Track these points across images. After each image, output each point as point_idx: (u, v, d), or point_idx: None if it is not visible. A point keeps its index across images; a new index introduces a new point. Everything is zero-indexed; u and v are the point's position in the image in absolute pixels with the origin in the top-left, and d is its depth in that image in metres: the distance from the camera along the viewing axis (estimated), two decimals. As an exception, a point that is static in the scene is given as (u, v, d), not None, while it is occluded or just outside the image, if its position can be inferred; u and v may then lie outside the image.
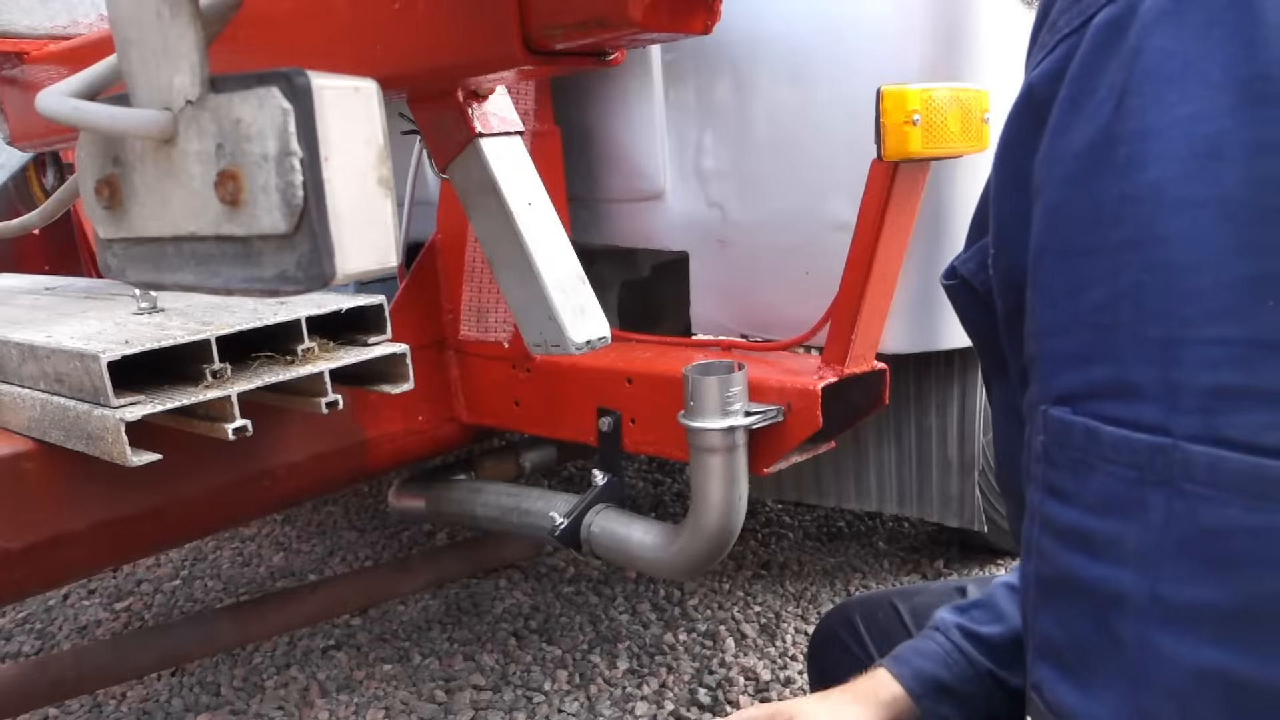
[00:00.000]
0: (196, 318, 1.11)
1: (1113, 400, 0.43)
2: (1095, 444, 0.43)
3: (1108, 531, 0.43)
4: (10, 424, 1.11)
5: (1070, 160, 0.44)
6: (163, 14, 0.44)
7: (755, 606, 1.93)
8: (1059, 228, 0.45)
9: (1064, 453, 0.45)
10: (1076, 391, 0.44)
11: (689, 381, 1.19)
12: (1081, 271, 0.44)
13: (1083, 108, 0.44)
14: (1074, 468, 0.44)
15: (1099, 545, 0.43)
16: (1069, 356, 0.45)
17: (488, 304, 1.51)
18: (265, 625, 1.64)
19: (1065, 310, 0.45)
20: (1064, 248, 0.45)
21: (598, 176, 1.70)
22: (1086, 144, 0.43)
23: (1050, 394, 0.46)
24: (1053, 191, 0.45)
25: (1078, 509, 0.44)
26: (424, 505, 1.69)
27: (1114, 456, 0.42)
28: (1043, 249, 0.46)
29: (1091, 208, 0.43)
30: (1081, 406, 0.44)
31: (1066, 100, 0.45)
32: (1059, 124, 0.45)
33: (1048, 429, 0.46)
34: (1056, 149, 0.45)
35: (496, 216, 0.85)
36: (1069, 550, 0.45)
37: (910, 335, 1.51)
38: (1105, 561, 0.43)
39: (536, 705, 1.64)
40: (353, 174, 0.42)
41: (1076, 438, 0.44)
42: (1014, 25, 1.42)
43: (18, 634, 2.05)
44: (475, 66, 0.76)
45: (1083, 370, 0.44)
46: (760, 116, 1.51)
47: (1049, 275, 0.46)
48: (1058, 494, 0.45)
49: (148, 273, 0.50)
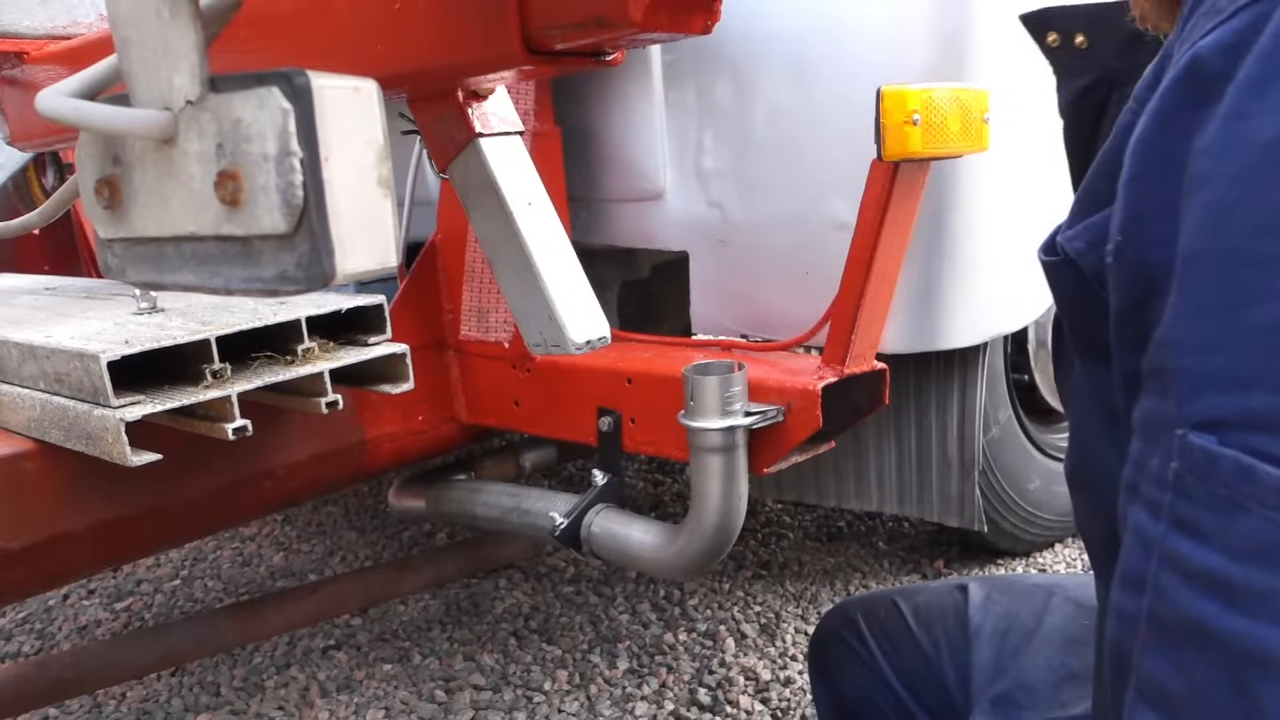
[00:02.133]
0: (196, 318, 1.11)
1: (1275, 435, 0.38)
2: (1250, 483, 0.38)
3: (1256, 583, 0.38)
4: (10, 424, 1.11)
5: (1252, 152, 0.38)
6: (163, 14, 0.44)
7: (755, 606, 1.93)
8: (1226, 229, 0.39)
9: (1205, 486, 0.40)
10: (1227, 419, 0.39)
11: (689, 381, 1.19)
12: (1250, 283, 0.38)
13: (1272, 93, 0.38)
14: (1218, 505, 0.39)
15: (1242, 596, 0.39)
16: (1221, 378, 0.39)
17: (488, 304, 1.51)
18: (265, 625, 1.64)
19: (1222, 325, 0.39)
20: (1230, 253, 0.39)
21: (598, 176, 1.70)
22: (1275, 135, 0.37)
23: (1191, 416, 0.40)
24: (1222, 186, 0.39)
25: (1218, 552, 0.39)
26: (424, 505, 1.69)
27: (1273, 500, 0.37)
28: (1199, 252, 0.40)
29: (1273, 211, 0.38)
30: (1232, 437, 0.39)
31: (1251, 80, 0.39)
32: (1238, 107, 0.39)
33: (1185, 456, 0.40)
34: (1231, 137, 0.39)
35: (496, 216, 0.85)
36: (1201, 595, 0.40)
37: (910, 335, 1.51)
38: (1248, 615, 0.38)
39: (536, 705, 1.64)
40: (353, 174, 0.42)
41: (1225, 473, 0.39)
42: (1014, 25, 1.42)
43: (18, 634, 2.05)
44: (475, 66, 0.76)
45: (1238, 396, 0.39)
46: (760, 117, 1.50)
47: (1203, 282, 0.40)
48: (1192, 531, 0.40)
49: (148, 273, 0.50)
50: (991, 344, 1.68)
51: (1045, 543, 2.05)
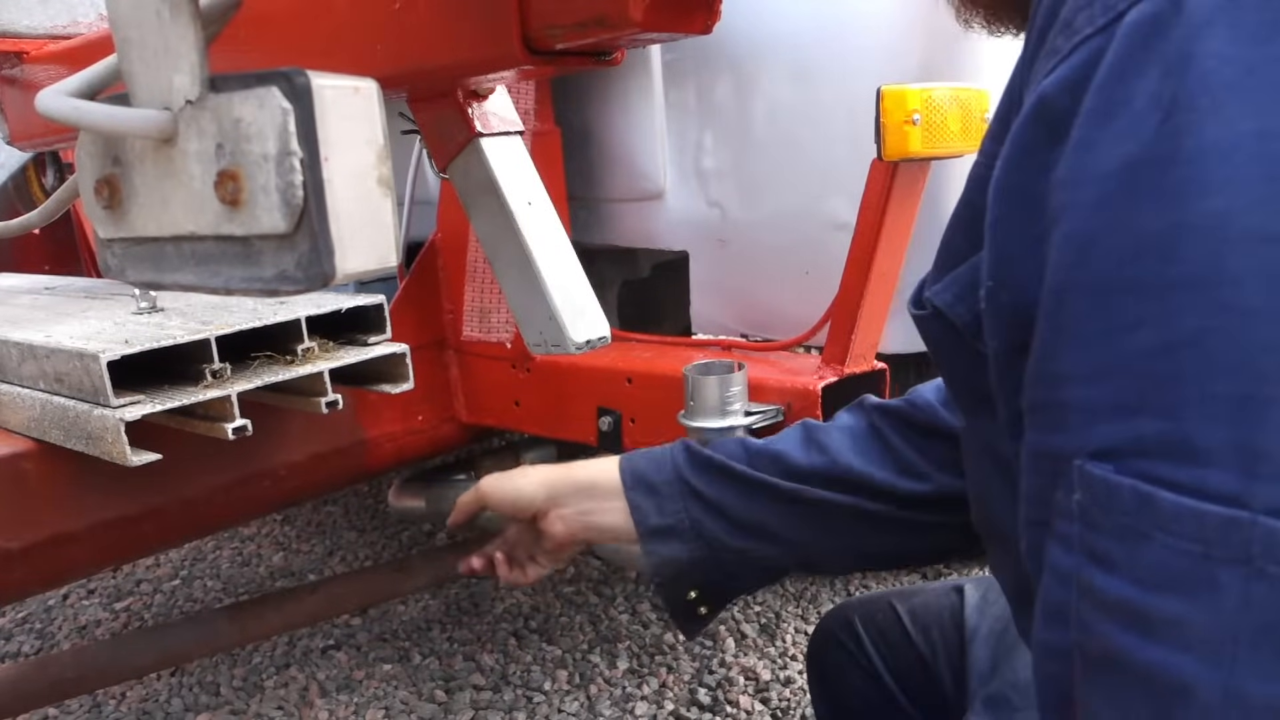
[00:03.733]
0: (196, 318, 1.11)
1: (1169, 461, 0.37)
2: (1150, 511, 0.38)
3: (1167, 611, 0.38)
4: (10, 424, 1.11)
5: (1101, 182, 0.39)
6: (162, 14, 0.44)
7: (755, 606, 1.93)
8: (1089, 260, 0.39)
9: (1109, 517, 0.39)
10: (1119, 447, 0.39)
11: (689, 381, 1.19)
12: (1121, 311, 0.38)
13: (1115, 121, 0.38)
14: (1122, 534, 0.39)
15: (1156, 626, 0.38)
16: (1108, 406, 0.39)
17: (490, 305, 1.51)
18: (265, 625, 1.63)
19: (1101, 354, 0.39)
20: (1096, 283, 0.39)
21: (598, 176, 1.70)
22: (1123, 163, 0.38)
23: (1085, 446, 0.40)
24: (1079, 218, 0.39)
25: (1127, 582, 0.39)
26: (424, 505, 1.69)
27: (1174, 527, 0.37)
28: (1067, 284, 0.40)
29: (1134, 238, 0.38)
30: (1127, 465, 0.38)
31: (1093, 112, 0.39)
32: (1084, 139, 0.39)
33: (1086, 487, 0.40)
34: (1081, 168, 0.39)
35: (496, 216, 0.85)
36: (1118, 628, 0.39)
37: (910, 335, 1.50)
38: (1164, 645, 0.38)
39: (536, 705, 1.64)
40: (353, 174, 0.42)
41: (1124, 501, 0.39)
42: (1014, 25, 1.42)
43: (18, 634, 2.05)
44: (475, 66, 0.76)
45: (1127, 423, 0.38)
46: (760, 116, 1.51)
47: (1077, 314, 0.40)
48: (1101, 562, 0.40)
49: (147, 273, 0.50)
50: (991, 344, 1.68)
51: (1045, 543, 2.05)
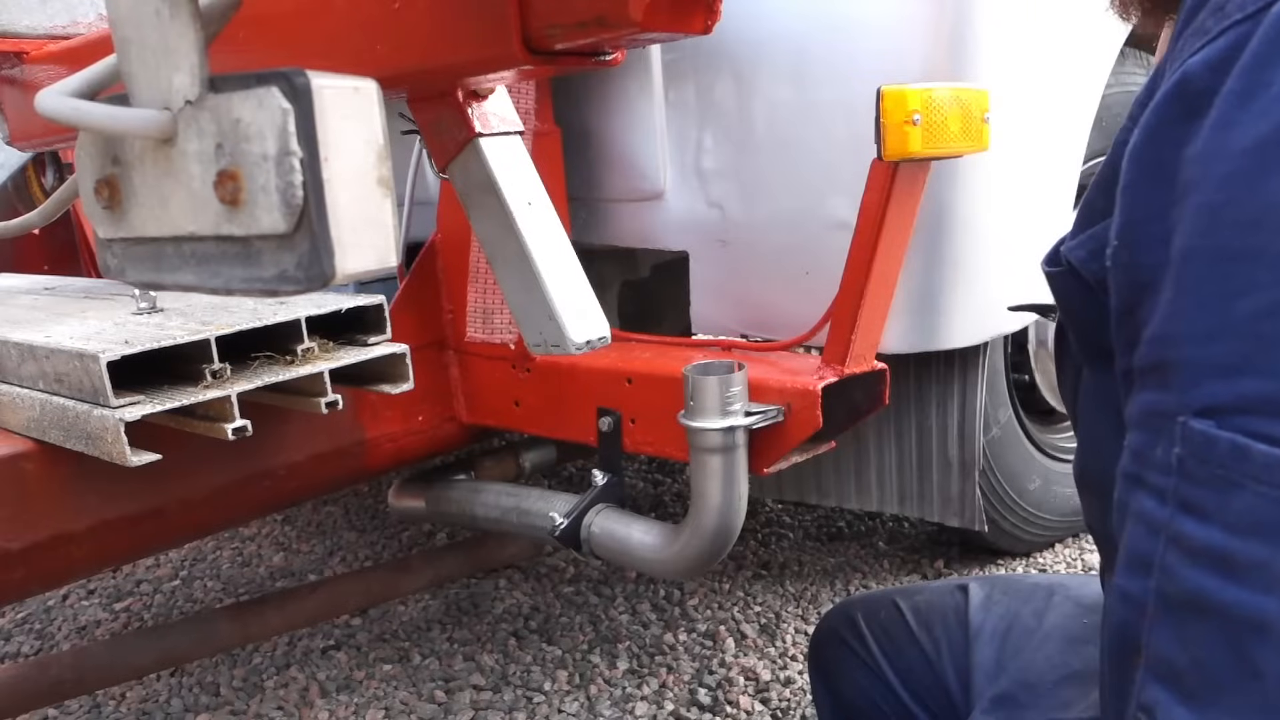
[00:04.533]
0: (196, 318, 1.11)
1: (1267, 417, 0.40)
2: (1244, 462, 0.40)
3: (1252, 554, 0.41)
4: (10, 424, 1.11)
5: (1235, 158, 0.41)
6: (162, 13, 0.44)
7: (755, 606, 1.93)
8: (1216, 229, 0.42)
9: (1205, 468, 0.42)
10: (1224, 404, 0.42)
11: (689, 381, 1.19)
12: (1238, 277, 0.41)
13: (1254, 102, 0.41)
14: (1216, 485, 0.42)
15: (1240, 568, 0.41)
16: (1217, 366, 0.42)
17: (493, 306, 1.51)
18: (265, 625, 1.63)
19: (1215, 317, 0.42)
20: (1220, 250, 0.42)
21: (598, 176, 1.70)
22: (1256, 141, 0.40)
23: (1192, 405, 0.43)
24: (1210, 190, 0.42)
25: (1218, 528, 0.42)
26: (424, 505, 1.69)
27: (1265, 476, 0.40)
28: (1192, 250, 0.43)
29: (1257, 209, 0.40)
30: (1229, 421, 0.41)
31: (1234, 93, 0.42)
32: (1224, 118, 0.42)
33: (1187, 441, 0.43)
34: (1218, 145, 0.42)
35: (496, 216, 0.85)
36: (1203, 570, 0.42)
37: (910, 335, 1.51)
38: (1246, 586, 0.41)
39: (536, 705, 1.64)
40: (352, 174, 0.42)
41: (1221, 454, 0.41)
42: (1014, 25, 1.42)
43: (17, 634, 2.05)
44: (475, 66, 0.76)
45: (1233, 382, 0.41)
46: (760, 116, 1.50)
47: (1197, 278, 0.43)
48: (1194, 511, 0.43)
49: (147, 273, 0.50)
50: (992, 344, 1.68)
51: (1045, 543, 2.05)
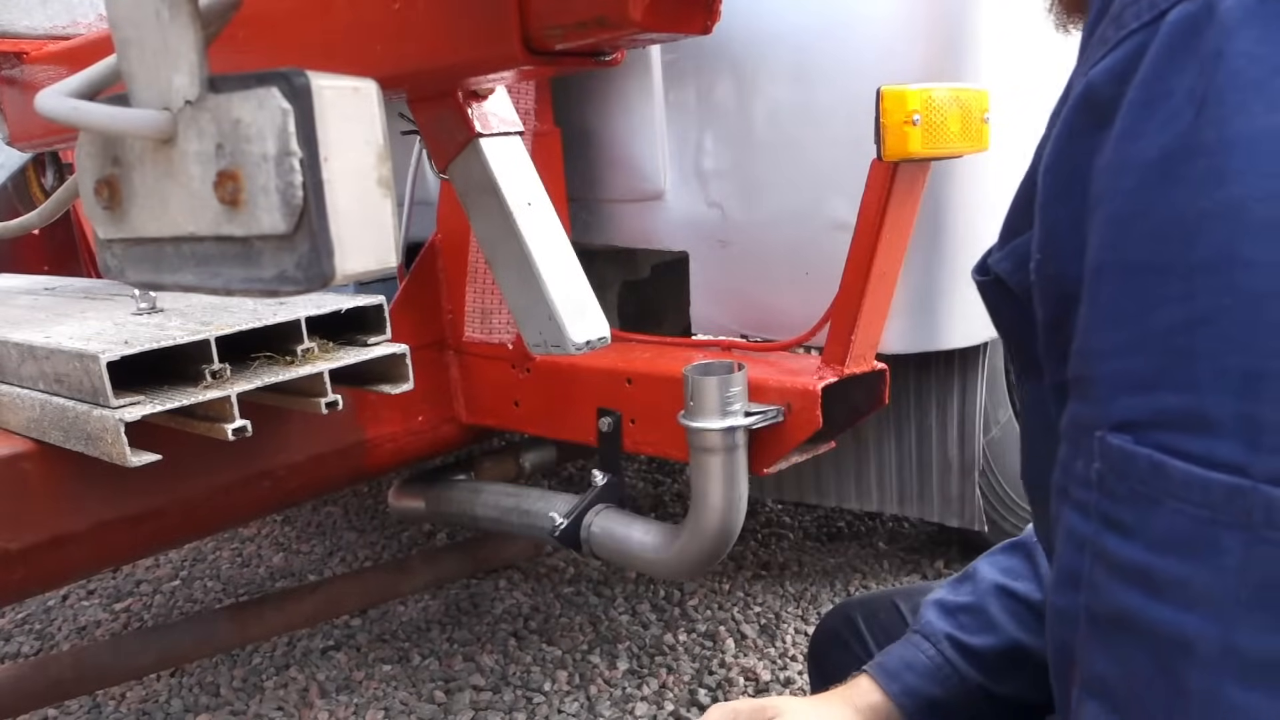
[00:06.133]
0: (196, 318, 1.11)
1: (1183, 432, 0.40)
2: (1162, 478, 0.40)
3: (1173, 572, 0.40)
4: (10, 424, 1.11)
5: (1141, 170, 0.41)
6: (162, 14, 0.44)
7: (755, 607, 1.93)
8: (1125, 241, 0.42)
9: (1124, 484, 0.42)
10: (1139, 419, 0.41)
11: (689, 381, 1.19)
12: (1150, 290, 0.41)
13: (1155, 113, 0.40)
14: (1136, 501, 0.41)
15: (1163, 585, 0.41)
16: (1132, 380, 0.42)
17: (491, 306, 1.51)
18: (265, 625, 1.64)
19: (1129, 331, 0.41)
20: (1130, 263, 0.41)
21: (598, 176, 1.70)
22: (1160, 153, 0.40)
23: (1108, 419, 0.43)
24: (1119, 202, 0.42)
25: (1139, 545, 0.41)
26: (424, 505, 1.69)
27: (1183, 494, 0.39)
28: (1104, 263, 0.43)
29: (1164, 222, 0.40)
30: (1146, 436, 0.41)
31: (1136, 104, 0.41)
32: (1128, 129, 0.42)
33: (1105, 457, 0.43)
34: (1124, 156, 0.42)
35: (496, 216, 0.85)
36: (1127, 587, 0.42)
37: (910, 335, 1.51)
38: (1170, 604, 0.40)
39: (536, 705, 1.64)
40: (352, 174, 0.42)
41: (1140, 469, 0.41)
42: (1014, 25, 1.42)
43: (17, 634, 2.05)
44: (475, 66, 0.76)
45: (1148, 396, 0.41)
46: (760, 116, 1.50)
47: (1111, 292, 0.42)
48: (1116, 527, 0.43)
49: (147, 273, 0.50)
50: (992, 344, 1.68)
51: (1045, 543, 2.05)
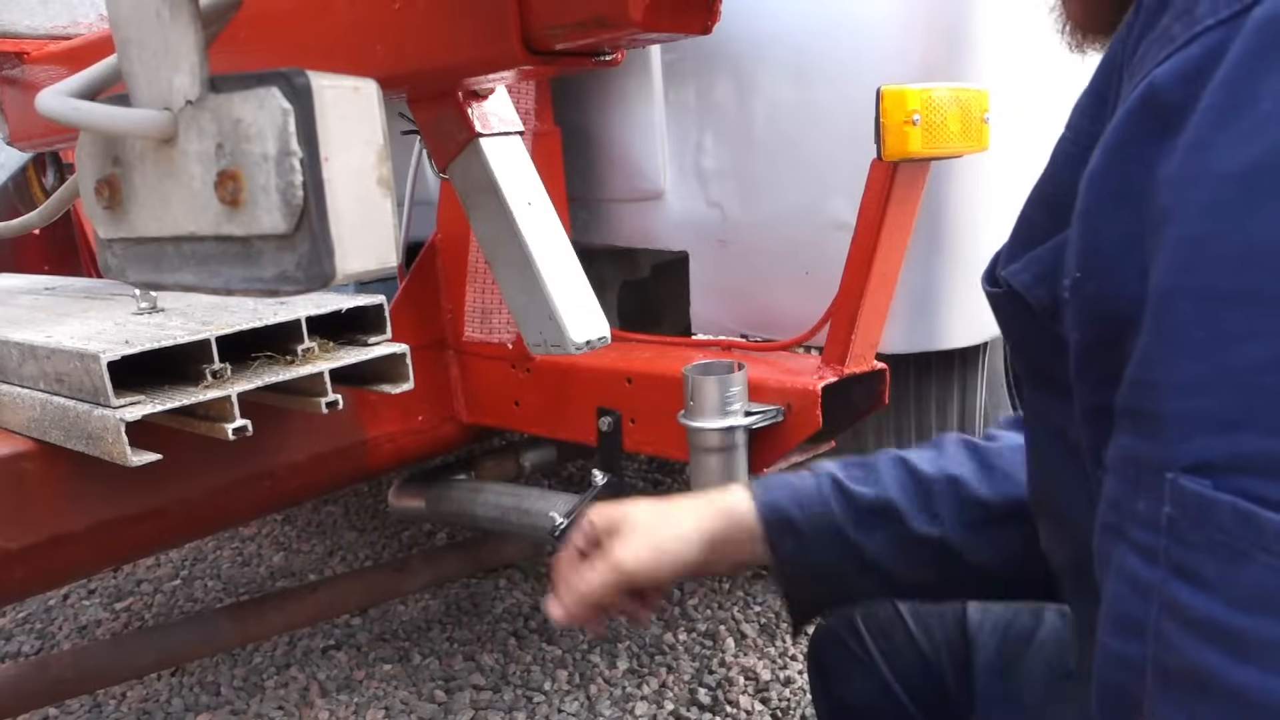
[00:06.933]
0: (196, 318, 1.11)
1: (1273, 480, 0.36)
2: (1252, 530, 0.37)
3: (1263, 633, 0.37)
4: (10, 424, 1.11)
5: (1219, 185, 0.37)
6: (163, 14, 0.44)
7: (755, 606, 1.93)
8: (1200, 266, 0.38)
9: (1202, 532, 0.38)
10: (1218, 462, 0.38)
11: (689, 381, 1.19)
12: (1230, 321, 0.37)
13: (1239, 121, 0.36)
14: (1218, 552, 0.38)
15: (1250, 647, 0.37)
16: (1210, 420, 0.38)
17: (491, 305, 1.51)
18: (265, 625, 1.64)
19: (1205, 365, 0.38)
20: (1207, 290, 0.37)
21: (598, 176, 1.70)
22: (1244, 167, 0.36)
23: (1180, 460, 0.39)
24: (1192, 220, 0.38)
25: (1220, 600, 0.38)
26: (424, 505, 1.69)
27: (1277, 548, 0.36)
28: (1175, 288, 0.39)
29: (1247, 246, 0.36)
30: (1226, 481, 0.37)
31: (1214, 109, 0.37)
32: (1202, 138, 0.38)
33: (1177, 501, 0.39)
34: (1198, 169, 0.38)
35: (496, 216, 0.85)
36: (1206, 646, 0.39)
37: (910, 335, 1.51)
38: (1257, 666, 0.37)
39: (536, 705, 1.64)
40: (353, 174, 0.42)
41: (1223, 518, 0.38)
42: (1014, 25, 1.42)
43: (18, 634, 2.05)
44: (475, 66, 0.76)
45: (1229, 438, 0.37)
46: (760, 116, 1.50)
47: (1182, 321, 0.38)
48: (1191, 578, 0.39)
49: (148, 273, 0.50)
50: (992, 344, 1.68)
51: (1045, 543, 2.05)
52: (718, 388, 1.17)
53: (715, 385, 1.17)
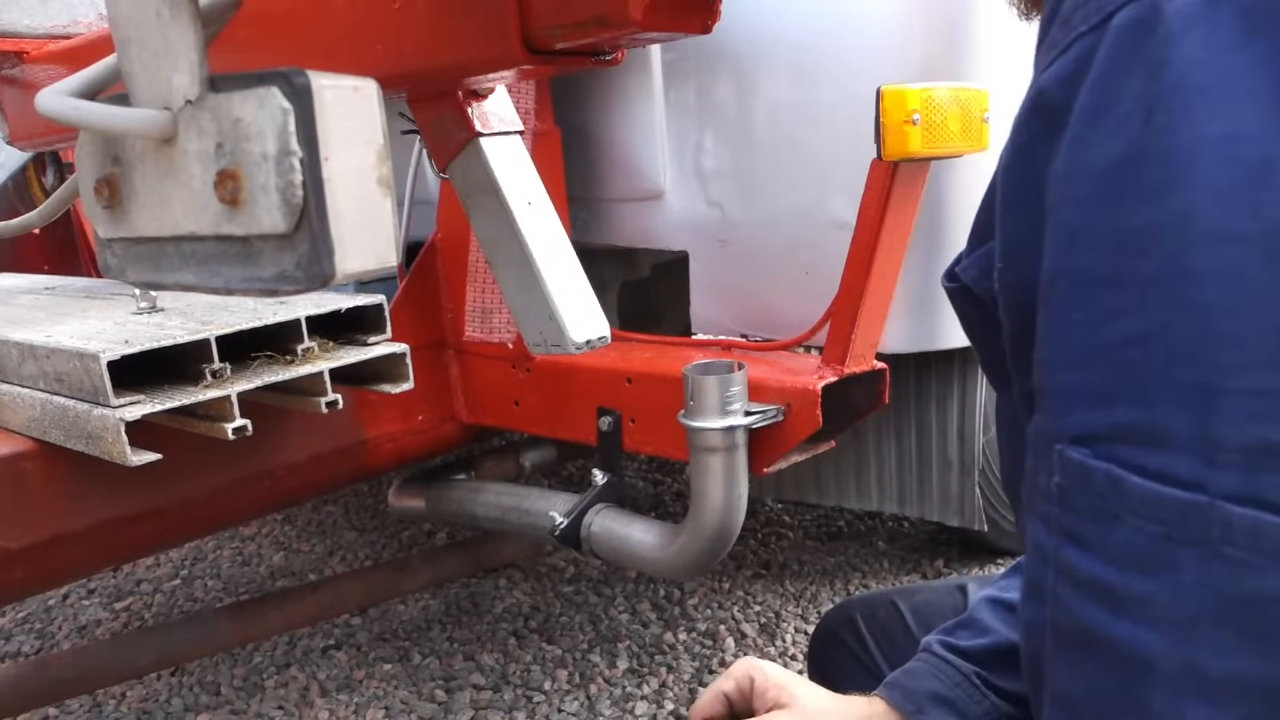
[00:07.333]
0: (196, 317, 1.11)
1: (1139, 447, 0.39)
2: (1120, 494, 0.40)
3: (1134, 589, 0.40)
4: (10, 424, 1.11)
5: (1091, 178, 0.40)
6: (162, 13, 0.44)
7: (755, 606, 1.93)
8: (1076, 252, 0.41)
9: (1083, 499, 0.41)
10: (1096, 432, 0.41)
11: (689, 381, 1.19)
12: (1102, 302, 0.40)
13: (1105, 120, 0.39)
14: (1095, 516, 0.41)
15: (1123, 602, 0.40)
16: (1087, 393, 0.41)
17: (491, 305, 1.51)
18: (265, 625, 1.64)
19: (1083, 342, 0.41)
20: (1082, 275, 0.41)
21: (598, 176, 1.70)
22: (1110, 161, 0.39)
23: (1066, 432, 0.42)
24: (1070, 211, 0.41)
25: (1099, 560, 0.41)
26: (424, 505, 1.69)
27: (1141, 510, 0.39)
28: (1057, 274, 0.42)
29: (1114, 233, 0.39)
30: (1103, 450, 0.40)
31: (1086, 109, 0.40)
32: (1078, 136, 0.41)
33: (1064, 470, 0.42)
34: (1075, 164, 0.41)
35: (496, 216, 0.85)
36: (1090, 603, 0.42)
37: (910, 335, 1.51)
38: (1131, 621, 0.40)
39: (536, 705, 1.64)
40: (353, 174, 0.42)
41: (1098, 484, 0.40)
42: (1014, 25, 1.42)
43: (18, 634, 2.05)
44: (475, 66, 0.76)
45: (1104, 410, 0.40)
46: (760, 116, 1.50)
47: (1064, 303, 0.42)
48: (1076, 540, 0.42)
49: (147, 272, 0.50)
50: (991, 344, 1.68)
51: (1045, 542, 2.05)
52: (718, 387, 1.17)
53: (715, 385, 1.17)
